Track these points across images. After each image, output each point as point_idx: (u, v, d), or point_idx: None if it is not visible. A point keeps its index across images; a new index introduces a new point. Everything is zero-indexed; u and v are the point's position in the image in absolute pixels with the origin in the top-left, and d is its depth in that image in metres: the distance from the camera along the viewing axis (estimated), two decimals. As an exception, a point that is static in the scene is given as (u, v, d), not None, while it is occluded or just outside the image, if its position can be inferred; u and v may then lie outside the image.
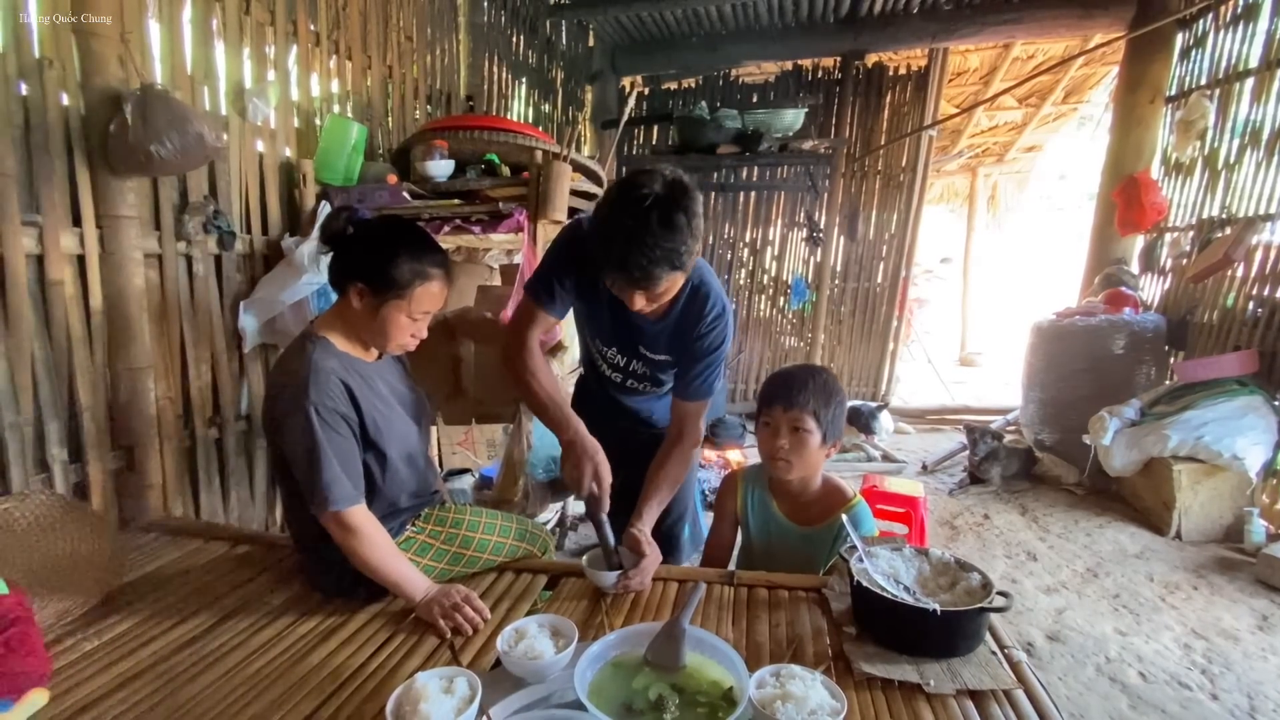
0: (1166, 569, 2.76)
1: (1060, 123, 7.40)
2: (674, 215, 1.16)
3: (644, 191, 1.17)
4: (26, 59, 1.61)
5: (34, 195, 1.64)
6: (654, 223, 1.15)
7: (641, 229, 1.16)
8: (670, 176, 1.20)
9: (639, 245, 1.16)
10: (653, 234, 1.16)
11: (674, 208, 1.16)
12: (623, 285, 1.24)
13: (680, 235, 1.17)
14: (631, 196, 1.18)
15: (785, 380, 1.47)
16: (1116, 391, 3.59)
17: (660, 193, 1.17)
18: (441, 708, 0.91)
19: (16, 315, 1.61)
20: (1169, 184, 4.07)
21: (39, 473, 1.69)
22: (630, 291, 1.24)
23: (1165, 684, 2.05)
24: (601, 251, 1.23)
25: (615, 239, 1.19)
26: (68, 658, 1.18)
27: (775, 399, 1.44)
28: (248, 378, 2.27)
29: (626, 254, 1.18)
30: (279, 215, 2.33)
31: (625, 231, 1.17)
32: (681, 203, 1.17)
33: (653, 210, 1.16)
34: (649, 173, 1.21)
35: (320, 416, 1.22)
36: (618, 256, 1.19)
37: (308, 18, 2.42)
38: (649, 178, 1.19)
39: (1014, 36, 4.75)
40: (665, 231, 1.16)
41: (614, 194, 1.22)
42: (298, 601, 1.36)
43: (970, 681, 1.03)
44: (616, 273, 1.22)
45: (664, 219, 1.16)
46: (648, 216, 1.16)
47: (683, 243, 1.18)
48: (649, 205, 1.16)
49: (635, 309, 1.29)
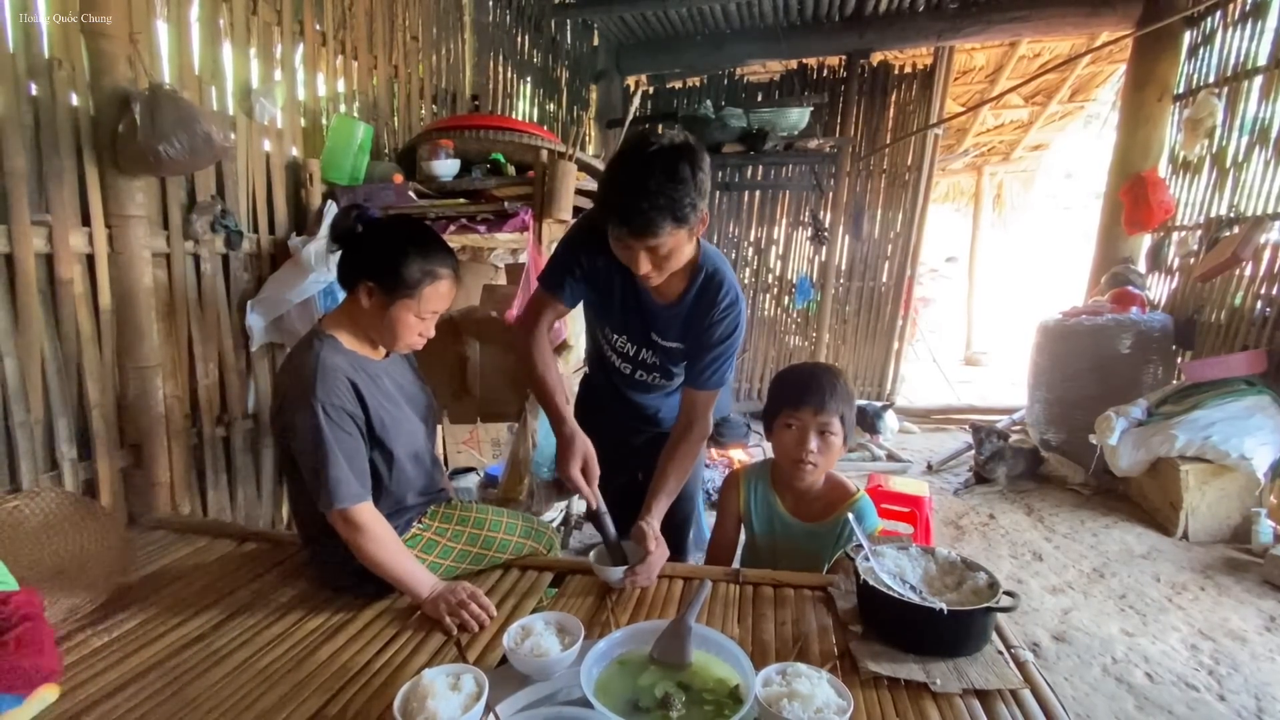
0: (1173, 569, 2.75)
1: (1067, 121, 7.36)
2: (678, 165, 1.16)
3: (650, 142, 1.18)
4: (36, 60, 1.62)
5: (44, 195, 1.65)
6: (658, 171, 1.16)
7: (645, 176, 1.16)
8: (679, 136, 1.21)
9: (641, 191, 1.16)
10: (656, 180, 1.16)
11: (679, 158, 1.17)
12: (625, 237, 1.22)
13: (684, 186, 1.17)
14: (639, 148, 1.19)
15: (811, 381, 1.44)
16: (1123, 391, 3.57)
17: (666, 145, 1.18)
18: (448, 705, 0.91)
19: (27, 314, 1.62)
20: (1176, 182, 4.05)
21: (49, 470, 1.70)
22: (633, 247, 1.23)
23: (1172, 685, 2.04)
24: (605, 202, 1.23)
25: (618, 188, 1.20)
26: (78, 654, 1.19)
27: (804, 401, 1.41)
28: (255, 376, 2.28)
29: (628, 201, 1.18)
30: (285, 214, 2.34)
31: (629, 180, 1.18)
32: (687, 156, 1.18)
33: (657, 159, 1.16)
34: (658, 133, 1.22)
35: (327, 415, 1.23)
36: (620, 204, 1.19)
37: (314, 17, 2.43)
38: (657, 135, 1.20)
39: (1020, 35, 4.73)
40: (668, 181, 1.16)
41: (623, 147, 1.24)
42: (305, 598, 1.37)
43: (976, 681, 1.03)
44: (619, 223, 1.21)
45: (668, 168, 1.16)
46: (651, 165, 1.16)
47: (686, 194, 1.17)
48: (653, 155, 1.17)
49: (640, 273, 1.27)
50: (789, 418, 1.43)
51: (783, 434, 1.44)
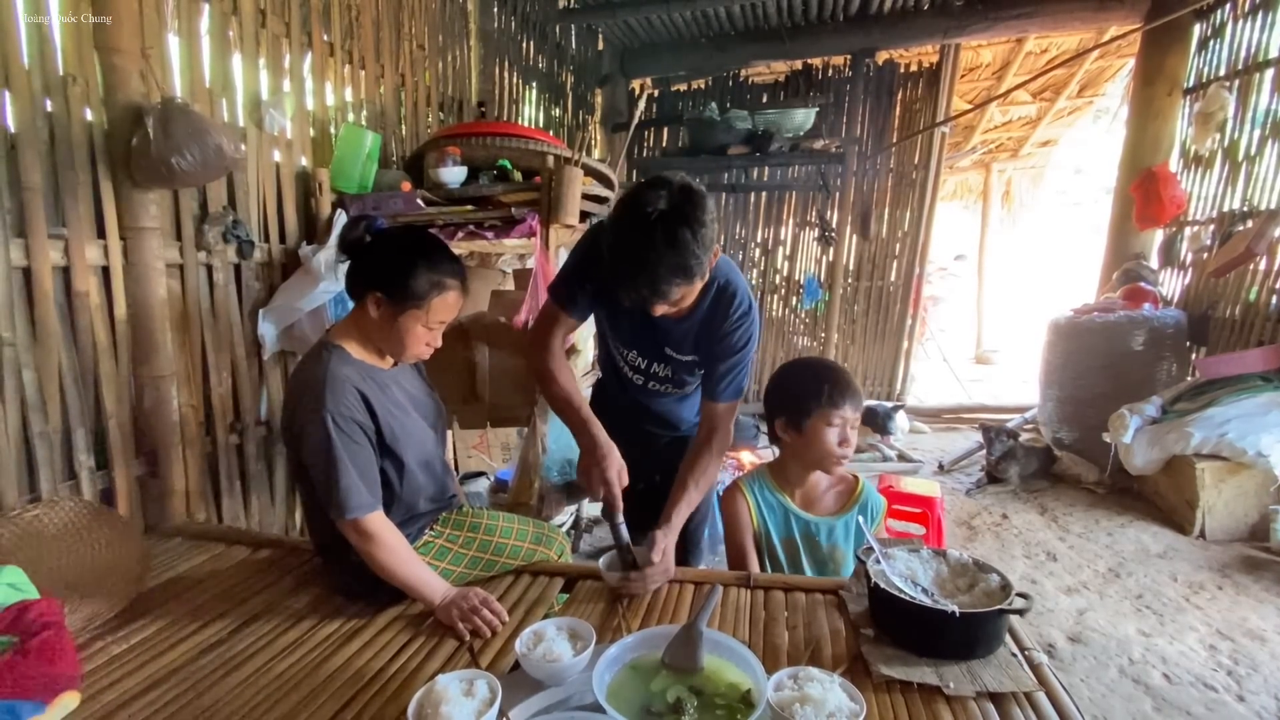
0: (1190, 569, 2.72)
1: (1075, 117, 7.30)
2: (679, 231, 1.15)
3: (648, 210, 1.16)
4: (51, 76, 1.64)
5: (60, 209, 1.67)
6: (659, 243, 1.15)
7: (647, 249, 1.16)
8: (677, 186, 1.19)
9: (646, 266, 1.17)
10: (657, 253, 1.15)
11: (679, 223, 1.16)
12: (637, 303, 1.25)
13: (687, 250, 1.16)
14: (637, 215, 1.17)
15: (840, 379, 1.47)
16: (1136, 389, 3.54)
17: (665, 209, 1.16)
18: (462, 710, 0.92)
19: (44, 326, 1.64)
20: (1188, 177, 4.01)
21: (67, 480, 1.72)
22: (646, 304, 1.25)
23: (1190, 686, 2.01)
24: (613, 273, 1.23)
25: (624, 260, 1.20)
26: (97, 661, 1.21)
27: (846, 399, 1.44)
28: (267, 384, 2.31)
29: (636, 275, 1.18)
30: (296, 224, 2.36)
31: (633, 252, 1.18)
32: (686, 215, 1.16)
33: (657, 228, 1.15)
34: (655, 185, 1.20)
35: (337, 425, 1.24)
36: (628, 278, 1.20)
37: (322, 28, 2.45)
38: (654, 193, 1.18)
39: (1027, 31, 4.69)
40: (671, 251, 1.16)
41: (621, 211, 1.23)
42: (319, 605, 1.38)
43: (990, 684, 1.02)
44: (629, 292, 1.22)
45: (669, 238, 1.15)
46: (652, 236, 1.15)
47: (691, 256, 1.17)
48: (654, 222, 1.16)
49: (656, 314, 1.30)
50: (833, 416, 1.44)
51: (824, 431, 1.44)
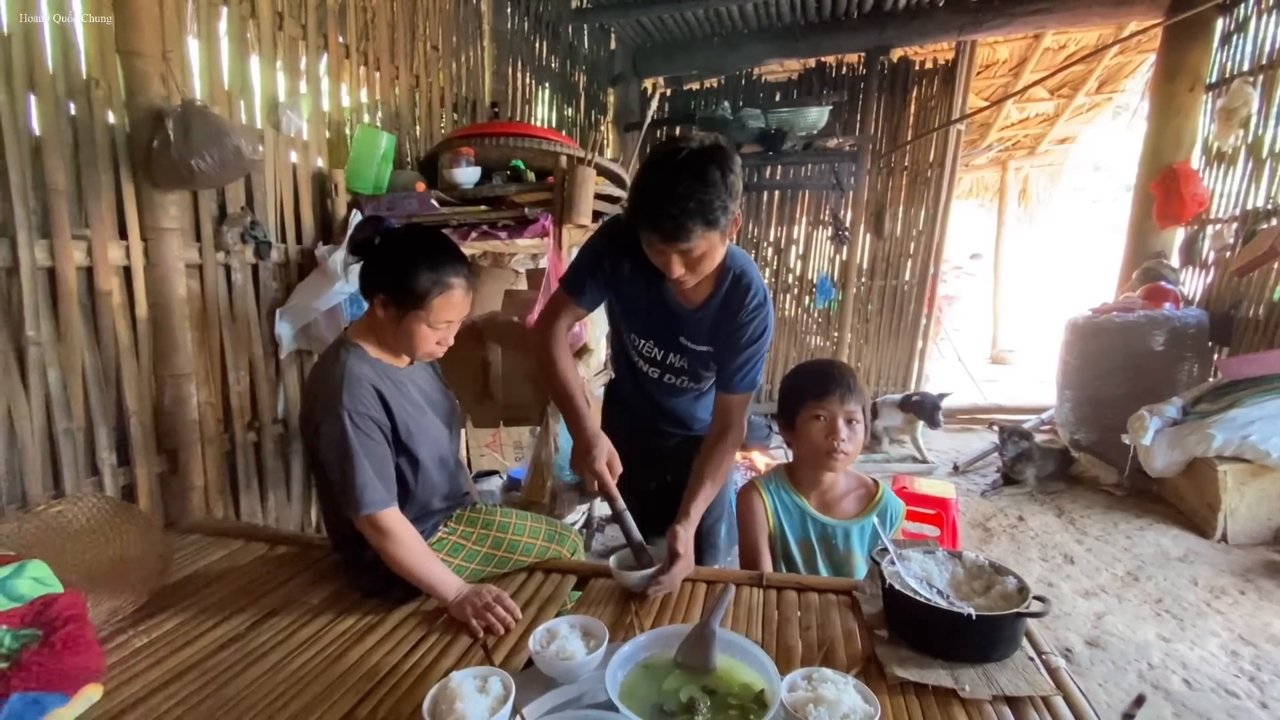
0: (1212, 573, 2.67)
1: (1094, 113, 7.19)
2: (708, 169, 1.17)
3: (680, 146, 1.19)
4: (75, 79, 1.67)
5: (83, 210, 1.71)
6: (688, 176, 1.16)
7: (675, 182, 1.17)
8: (709, 139, 1.22)
9: (672, 197, 1.17)
10: (686, 184, 1.16)
11: (709, 162, 1.17)
12: (657, 242, 1.23)
13: (714, 189, 1.17)
14: (667, 152, 1.20)
15: (831, 372, 1.46)
16: (1156, 389, 3.48)
17: (696, 149, 1.19)
18: (476, 706, 0.93)
19: (68, 325, 1.68)
20: (1210, 174, 3.94)
21: (90, 476, 1.76)
22: (666, 252, 1.24)
23: (1211, 692, 1.98)
24: (636, 208, 1.24)
25: (649, 193, 1.20)
26: (119, 654, 1.22)
27: (829, 390, 1.42)
28: (284, 383, 2.33)
29: (660, 206, 1.18)
30: (312, 224, 2.39)
31: (660, 185, 1.19)
32: (717, 159, 1.18)
33: (687, 164, 1.17)
34: (687, 136, 1.23)
35: (354, 422, 1.25)
36: (650, 210, 1.20)
37: (338, 30, 2.48)
38: (687, 139, 1.21)
39: (1045, 27, 4.63)
40: (699, 184, 1.16)
41: (653, 153, 1.24)
42: (335, 600, 1.40)
43: (1007, 688, 1.01)
44: (650, 229, 1.22)
45: (698, 172, 1.17)
46: (682, 170, 1.17)
47: (716, 196, 1.18)
48: (684, 159, 1.17)
49: (674, 276, 1.28)
50: (816, 409, 1.43)
51: (810, 426, 1.44)
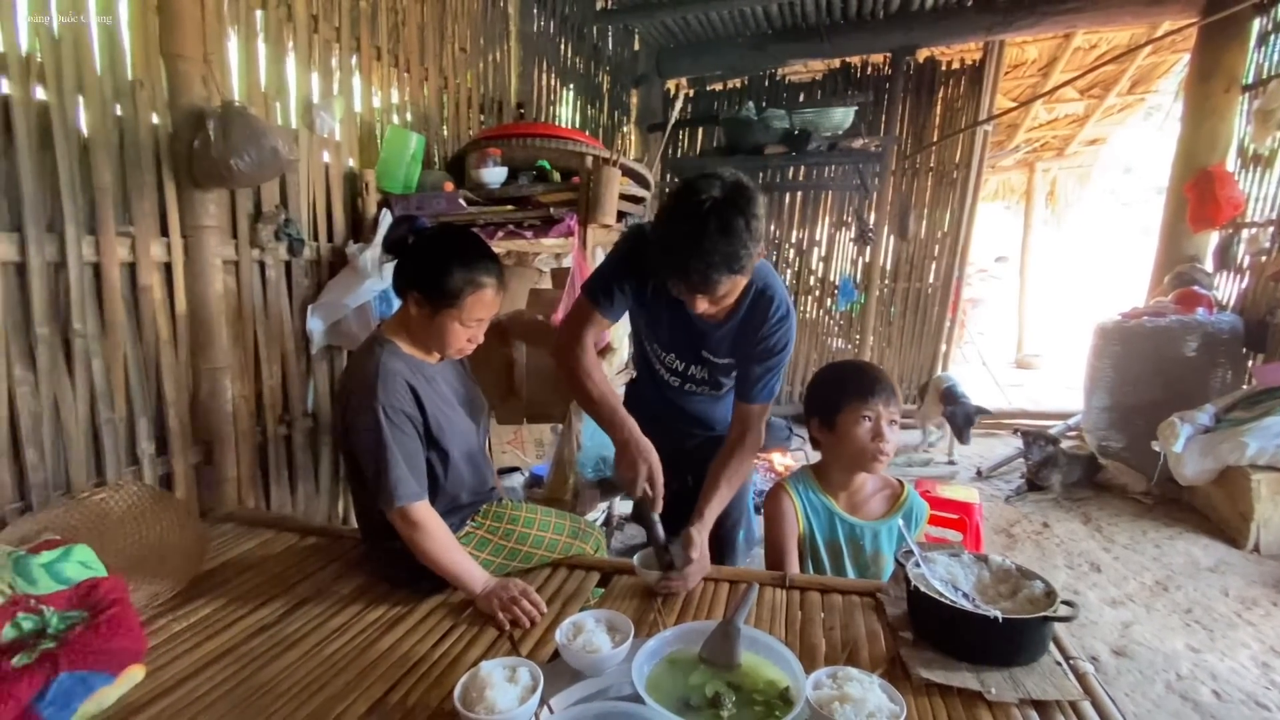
0: (1243, 583, 2.61)
1: (1126, 114, 7.05)
2: (732, 220, 1.17)
3: (702, 198, 1.18)
4: (121, 82, 1.73)
5: (127, 208, 1.76)
6: (712, 228, 1.16)
7: (699, 235, 1.17)
8: (730, 180, 1.21)
9: (697, 252, 1.18)
10: (711, 239, 1.17)
11: (732, 212, 1.17)
12: (684, 291, 1.26)
13: (739, 240, 1.18)
14: (691, 203, 1.19)
15: (877, 374, 1.47)
16: (1188, 396, 3.41)
17: (719, 197, 1.18)
18: (506, 695, 0.95)
19: (112, 319, 1.73)
20: (1246, 177, 3.85)
21: (130, 465, 1.81)
22: (692, 296, 1.26)
23: (1241, 704, 1.94)
24: (661, 259, 1.25)
25: (674, 246, 1.21)
26: (159, 637, 1.27)
27: (877, 393, 1.43)
28: (314, 377, 2.38)
29: (686, 261, 1.19)
30: (343, 223, 2.44)
31: (684, 238, 1.19)
32: (740, 206, 1.18)
33: (710, 216, 1.17)
34: (708, 178, 1.22)
35: (388, 417, 1.28)
36: (677, 264, 1.21)
37: (370, 33, 2.52)
38: (708, 183, 1.20)
39: (1076, 26, 4.55)
40: (723, 237, 1.17)
41: (674, 201, 1.24)
42: (364, 590, 1.43)
43: (1034, 691, 1.01)
44: (676, 280, 1.24)
45: (722, 225, 1.17)
46: (705, 223, 1.17)
47: (742, 246, 1.18)
48: (707, 211, 1.17)
49: (698, 312, 1.31)
50: (863, 410, 1.43)
51: (856, 427, 1.43)
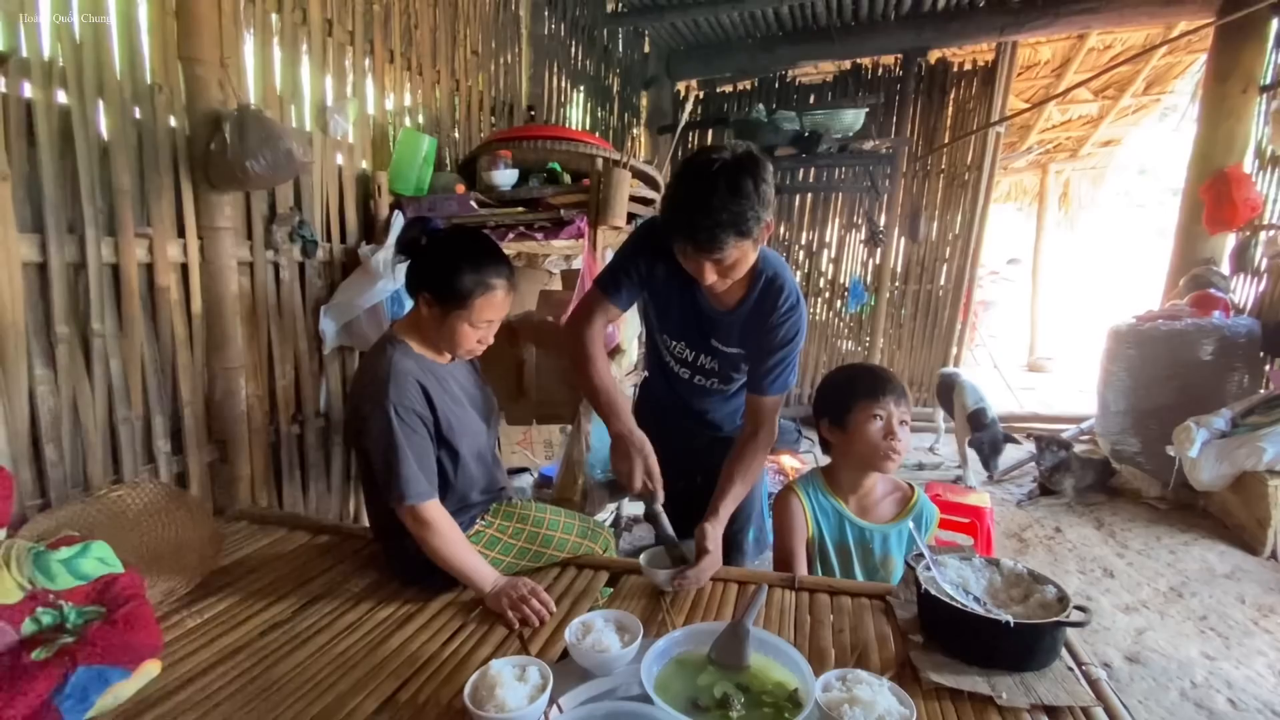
0: (1260, 591, 2.58)
1: (1140, 115, 6.97)
2: (741, 180, 1.17)
3: (713, 157, 1.20)
4: (140, 86, 1.76)
5: (145, 210, 1.79)
6: (721, 187, 1.17)
7: (708, 193, 1.18)
8: (741, 149, 1.22)
9: (705, 209, 1.18)
10: (720, 197, 1.17)
11: (742, 174, 1.18)
12: (691, 253, 1.25)
13: (747, 201, 1.18)
14: (701, 163, 1.20)
15: (887, 375, 1.47)
16: (1204, 400, 3.36)
17: (729, 160, 1.19)
18: (516, 694, 0.95)
19: (130, 319, 1.76)
20: (1264, 179, 3.80)
21: (146, 463, 1.84)
22: (699, 261, 1.25)
23: (1257, 712, 1.92)
24: (669, 218, 1.26)
25: (683, 205, 1.22)
26: (174, 633, 1.29)
27: (887, 392, 1.43)
28: (327, 377, 2.41)
29: (693, 218, 1.20)
30: (356, 224, 2.46)
31: (693, 197, 1.20)
32: (749, 169, 1.19)
33: (720, 176, 1.18)
34: (720, 146, 1.24)
35: (399, 416, 1.30)
36: (685, 221, 1.22)
37: (383, 37, 2.55)
38: (719, 149, 1.22)
39: (1090, 27, 4.51)
40: (732, 196, 1.17)
41: (685, 164, 1.25)
42: (375, 588, 1.44)
43: (1045, 697, 1.00)
44: (684, 239, 1.24)
45: (731, 184, 1.17)
46: (715, 181, 1.18)
47: (750, 208, 1.18)
48: (716, 171, 1.18)
49: (706, 283, 1.29)
50: (874, 409, 1.42)
51: (867, 426, 1.43)
